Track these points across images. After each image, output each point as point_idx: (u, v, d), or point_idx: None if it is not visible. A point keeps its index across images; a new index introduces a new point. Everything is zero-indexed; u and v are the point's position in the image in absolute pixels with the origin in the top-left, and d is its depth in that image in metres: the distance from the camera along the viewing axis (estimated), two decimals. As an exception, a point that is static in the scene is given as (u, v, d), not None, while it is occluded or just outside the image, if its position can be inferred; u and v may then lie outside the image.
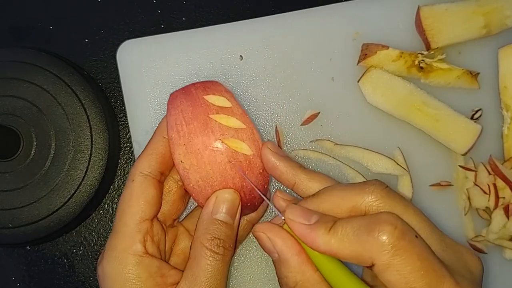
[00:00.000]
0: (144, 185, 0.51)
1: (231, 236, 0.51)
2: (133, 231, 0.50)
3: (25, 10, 0.68)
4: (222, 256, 0.49)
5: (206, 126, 0.51)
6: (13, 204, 0.61)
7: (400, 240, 0.41)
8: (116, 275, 0.49)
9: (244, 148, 0.52)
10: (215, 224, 0.50)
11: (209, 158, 0.51)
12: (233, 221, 0.51)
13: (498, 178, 0.62)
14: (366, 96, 0.64)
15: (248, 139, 0.53)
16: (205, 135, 0.51)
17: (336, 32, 0.66)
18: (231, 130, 0.52)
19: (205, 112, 0.52)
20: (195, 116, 0.52)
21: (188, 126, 0.52)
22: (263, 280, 0.64)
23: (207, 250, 0.49)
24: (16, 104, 0.61)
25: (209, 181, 0.51)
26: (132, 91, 0.65)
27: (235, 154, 0.52)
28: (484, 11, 0.63)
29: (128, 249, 0.49)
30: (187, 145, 0.51)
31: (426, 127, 0.63)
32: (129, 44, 0.65)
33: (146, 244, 0.50)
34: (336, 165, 0.64)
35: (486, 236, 0.62)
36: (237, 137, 0.52)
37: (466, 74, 0.63)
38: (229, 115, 0.53)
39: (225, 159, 0.51)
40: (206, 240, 0.49)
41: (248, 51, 0.66)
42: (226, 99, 0.54)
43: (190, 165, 0.51)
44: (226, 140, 0.51)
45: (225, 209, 0.51)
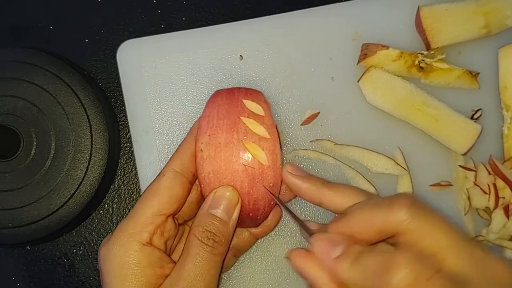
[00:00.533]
0: (173, 182, 0.52)
1: (223, 232, 0.51)
2: (147, 221, 0.51)
3: (25, 10, 0.68)
4: (212, 248, 0.50)
5: (233, 125, 0.53)
6: (13, 204, 0.61)
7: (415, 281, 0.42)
8: (117, 257, 0.49)
9: (262, 156, 0.53)
10: (209, 218, 0.51)
11: (226, 155, 0.52)
12: (228, 218, 0.52)
13: (498, 178, 0.62)
14: (366, 96, 0.64)
15: (268, 150, 0.53)
16: (230, 133, 0.53)
17: (336, 32, 0.66)
18: (255, 136, 0.53)
19: (238, 113, 0.54)
20: (228, 114, 0.54)
21: (218, 120, 0.53)
22: (263, 280, 0.64)
23: (197, 240, 0.50)
24: (16, 104, 0.62)
25: (219, 176, 0.52)
26: (132, 91, 0.65)
27: (251, 160, 0.52)
28: (484, 11, 0.63)
29: (135, 235, 0.50)
30: (211, 136, 0.53)
31: (426, 127, 0.63)
32: (129, 44, 0.66)
33: (154, 236, 0.51)
34: (336, 165, 0.64)
35: (486, 236, 0.62)
36: (258, 144, 0.53)
37: (466, 74, 0.64)
38: (258, 123, 0.54)
39: (240, 161, 0.52)
40: (198, 232, 0.50)
41: (248, 51, 0.66)
42: (261, 108, 0.55)
43: (208, 155, 0.52)
44: (247, 143, 0.52)
45: (222, 205, 0.52)
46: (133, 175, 0.68)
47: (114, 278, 0.49)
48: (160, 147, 0.65)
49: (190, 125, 0.64)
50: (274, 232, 0.64)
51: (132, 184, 0.68)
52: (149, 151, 0.65)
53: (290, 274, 0.64)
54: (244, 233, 0.59)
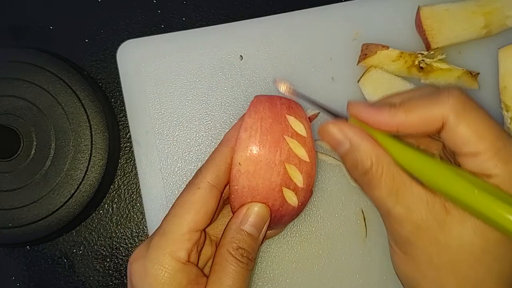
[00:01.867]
0: (208, 196, 0.51)
1: (254, 248, 0.51)
2: (184, 238, 0.49)
3: (25, 10, 0.69)
4: (246, 265, 0.50)
5: (276, 144, 0.52)
6: (13, 204, 0.61)
7: (469, 100, 0.44)
8: (156, 276, 0.48)
9: (299, 179, 0.53)
10: (241, 234, 0.51)
11: (265, 174, 0.51)
12: (258, 234, 0.52)
13: (498, 178, 0.62)
14: (366, 96, 0.65)
15: (305, 173, 0.53)
16: (272, 152, 0.52)
17: (336, 32, 0.67)
18: (296, 158, 0.53)
19: (282, 131, 0.53)
20: (272, 131, 0.52)
21: (262, 136, 0.52)
22: (263, 280, 0.65)
23: (232, 257, 0.50)
24: (16, 104, 0.62)
25: (254, 192, 0.52)
26: (132, 91, 0.66)
27: (289, 181, 0.52)
28: (484, 11, 0.64)
29: (173, 254, 0.49)
30: (252, 152, 0.52)
31: (426, 127, 0.64)
32: (129, 44, 0.66)
33: (191, 253, 0.50)
34: (336, 165, 0.65)
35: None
36: (298, 166, 0.53)
37: (466, 74, 0.64)
38: (300, 144, 0.53)
39: (278, 181, 0.52)
40: (232, 248, 0.50)
41: (248, 51, 0.66)
42: (304, 127, 0.54)
43: (246, 171, 0.51)
44: (288, 166, 0.52)
45: (253, 221, 0.51)
46: (133, 175, 0.68)
47: None
48: (160, 147, 0.65)
49: (190, 125, 0.65)
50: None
51: (132, 184, 0.68)
52: (149, 151, 0.65)
53: (290, 274, 0.64)
54: None
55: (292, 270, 0.65)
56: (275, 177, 0.51)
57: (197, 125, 0.66)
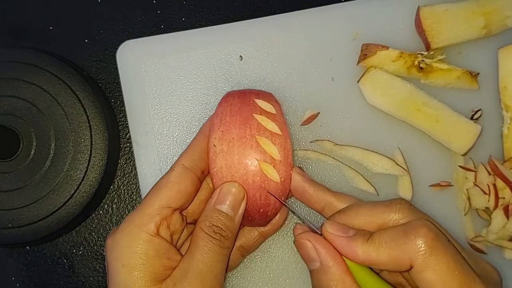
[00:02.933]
0: (182, 176, 0.54)
1: (230, 227, 0.53)
2: (154, 212, 0.52)
3: (25, 10, 0.70)
4: (219, 241, 0.52)
5: (246, 121, 0.55)
6: (13, 204, 0.62)
7: (436, 241, 0.45)
8: (125, 246, 0.51)
9: (274, 152, 0.55)
10: (215, 213, 0.53)
11: (239, 149, 0.54)
12: (234, 214, 0.54)
13: (498, 178, 0.63)
14: (366, 96, 0.65)
15: (279, 145, 0.55)
16: (243, 128, 0.55)
17: (336, 32, 0.67)
18: (267, 131, 0.55)
19: (250, 110, 0.56)
20: (240, 112, 0.56)
21: (231, 117, 0.56)
22: (264, 280, 0.65)
23: (205, 234, 0.52)
24: (16, 104, 0.63)
25: (232, 170, 0.54)
26: (132, 92, 0.66)
27: (264, 154, 0.55)
28: (484, 11, 0.64)
29: (142, 226, 0.51)
30: (224, 132, 0.55)
31: (426, 127, 0.64)
32: (129, 44, 0.67)
33: (160, 227, 0.52)
34: (335, 165, 0.66)
35: (486, 237, 0.64)
36: (270, 139, 0.55)
37: (466, 75, 0.65)
38: (270, 119, 0.56)
39: (253, 155, 0.54)
40: (204, 226, 0.52)
41: (248, 51, 0.67)
42: (273, 107, 0.57)
43: (221, 150, 0.55)
44: (260, 138, 0.55)
45: (228, 201, 0.54)
46: (133, 175, 0.69)
47: (122, 267, 0.50)
48: (160, 148, 0.66)
49: (190, 125, 0.66)
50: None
51: (132, 184, 0.69)
52: (149, 151, 0.66)
53: (290, 274, 0.65)
54: (253, 233, 0.61)
55: (292, 270, 0.65)
56: (248, 150, 0.54)
57: (196, 125, 0.66)
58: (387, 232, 0.47)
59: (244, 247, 0.61)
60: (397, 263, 0.46)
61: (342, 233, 0.49)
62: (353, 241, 0.48)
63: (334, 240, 0.49)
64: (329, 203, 0.55)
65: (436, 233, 0.45)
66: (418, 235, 0.45)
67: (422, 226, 0.45)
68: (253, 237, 0.61)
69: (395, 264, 0.46)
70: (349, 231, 0.49)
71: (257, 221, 0.58)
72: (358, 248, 0.47)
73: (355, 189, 0.66)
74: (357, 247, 0.47)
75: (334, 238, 0.49)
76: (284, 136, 0.56)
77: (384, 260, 0.46)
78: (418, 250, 0.45)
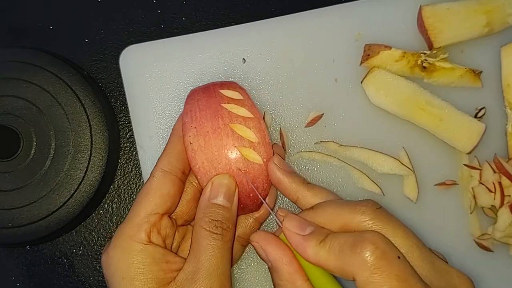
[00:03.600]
0: (162, 181, 0.55)
1: (229, 217, 0.54)
2: (142, 221, 0.53)
3: (25, 10, 0.70)
4: (221, 236, 0.52)
5: (216, 112, 0.56)
6: (13, 204, 0.62)
7: (380, 260, 0.45)
8: (120, 260, 0.52)
9: (250, 135, 0.56)
10: (212, 207, 0.54)
11: (216, 141, 0.55)
12: (230, 204, 0.55)
13: (503, 176, 0.63)
14: (370, 96, 0.66)
15: (254, 128, 0.56)
16: (215, 120, 0.56)
17: (338, 33, 0.68)
18: (239, 117, 0.56)
19: (218, 101, 0.57)
20: (209, 105, 0.57)
21: (200, 112, 0.56)
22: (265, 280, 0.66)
23: (206, 231, 0.52)
24: (16, 104, 0.63)
25: (214, 163, 0.55)
26: (136, 96, 0.67)
27: (241, 140, 0.55)
28: (486, 9, 0.65)
29: (133, 237, 0.52)
30: (197, 128, 0.56)
31: (430, 126, 0.65)
32: (132, 49, 0.67)
33: (151, 234, 0.53)
34: (341, 166, 0.66)
35: (492, 234, 0.64)
36: (244, 124, 0.56)
37: (469, 73, 0.65)
38: (239, 106, 0.57)
39: (231, 143, 0.55)
40: (204, 223, 0.53)
41: (251, 54, 0.67)
42: (239, 93, 0.58)
43: (198, 146, 0.55)
44: (233, 125, 0.55)
45: (222, 193, 0.54)
46: (133, 175, 0.69)
47: (122, 280, 0.51)
48: (164, 152, 0.66)
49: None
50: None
51: (132, 184, 0.69)
52: (154, 156, 0.65)
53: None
54: (248, 221, 0.61)
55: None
56: (225, 139, 0.55)
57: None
58: (337, 239, 0.47)
59: (242, 237, 0.61)
60: (341, 273, 0.47)
61: (298, 230, 0.50)
62: (307, 240, 0.49)
63: (290, 237, 0.50)
64: (302, 197, 0.55)
65: (382, 250, 0.45)
66: (363, 250, 0.45)
67: (370, 242, 0.45)
68: (249, 225, 0.61)
69: (340, 273, 0.47)
70: (306, 228, 0.50)
71: (249, 207, 0.58)
72: (309, 248, 0.48)
73: (360, 190, 0.66)
74: (309, 247, 0.48)
75: (290, 235, 0.50)
76: (257, 118, 0.57)
77: (330, 267, 0.47)
78: (361, 266, 0.45)
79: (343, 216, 0.49)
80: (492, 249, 0.65)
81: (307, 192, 0.55)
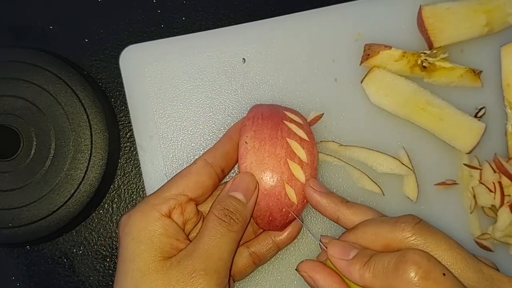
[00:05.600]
0: (202, 170, 0.58)
1: (241, 212, 0.56)
2: (170, 196, 0.56)
3: (25, 10, 0.71)
4: (228, 224, 0.54)
5: (277, 125, 0.60)
6: (13, 204, 0.63)
7: (425, 280, 0.45)
8: (136, 223, 0.54)
9: (302, 154, 0.59)
10: (228, 198, 0.56)
11: (270, 148, 0.58)
12: (246, 200, 0.56)
13: (503, 176, 0.64)
14: (370, 96, 0.67)
15: (307, 149, 0.60)
16: (274, 130, 0.59)
17: (338, 33, 0.69)
18: (297, 136, 0.60)
19: (281, 117, 0.61)
20: (272, 117, 0.60)
21: (263, 120, 0.60)
22: (271, 282, 0.67)
23: (215, 217, 0.54)
24: (16, 104, 0.64)
25: (262, 166, 0.58)
26: (136, 96, 0.68)
27: (293, 155, 0.58)
28: (486, 9, 0.66)
29: (156, 206, 0.55)
30: (256, 132, 0.59)
31: (430, 126, 0.66)
32: (132, 49, 0.68)
33: (173, 211, 0.55)
34: (341, 166, 0.67)
35: (492, 234, 0.65)
36: (299, 143, 0.59)
37: (469, 73, 0.66)
38: (299, 127, 0.60)
39: (283, 154, 0.58)
40: (215, 209, 0.55)
41: (251, 53, 0.69)
42: (300, 118, 0.62)
43: (252, 147, 0.58)
44: (290, 140, 0.59)
45: (240, 188, 0.56)
46: (133, 175, 0.71)
47: (131, 240, 0.53)
48: (164, 152, 0.67)
49: (194, 129, 0.68)
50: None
51: (132, 184, 0.71)
52: (154, 156, 0.67)
53: (297, 276, 0.66)
54: (267, 240, 0.63)
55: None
56: (279, 150, 0.58)
57: (201, 129, 0.68)
58: (381, 261, 0.48)
59: (257, 254, 0.63)
60: None
61: (342, 255, 0.51)
62: (351, 265, 0.50)
63: (335, 263, 0.52)
64: (343, 216, 0.57)
65: (426, 270, 0.46)
66: (406, 271, 0.46)
67: (412, 263, 0.46)
68: (266, 245, 0.63)
69: None
70: (349, 253, 0.51)
71: (277, 222, 0.60)
72: (355, 272, 0.50)
73: (361, 189, 0.67)
74: (355, 271, 0.50)
75: (336, 261, 0.52)
76: (312, 143, 0.61)
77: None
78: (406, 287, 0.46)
79: (384, 235, 0.51)
80: (492, 248, 0.66)
81: (346, 211, 0.57)
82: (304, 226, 0.61)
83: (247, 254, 0.62)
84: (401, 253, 0.48)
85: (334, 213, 0.57)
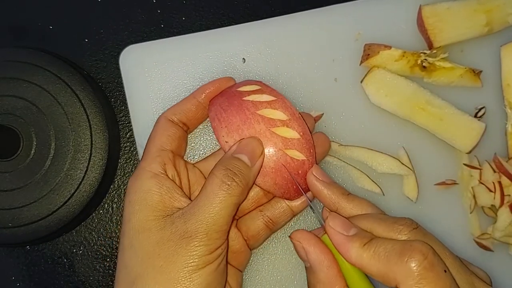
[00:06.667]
0: (166, 125, 0.60)
1: (245, 174, 0.55)
2: (154, 155, 0.58)
3: (25, 10, 0.71)
4: (228, 187, 0.53)
5: (241, 106, 0.58)
6: (13, 204, 0.64)
7: (428, 271, 0.46)
8: (134, 187, 0.55)
9: (279, 115, 0.58)
10: (232, 159, 0.55)
11: (249, 130, 0.57)
12: (252, 164, 0.56)
13: (503, 176, 0.65)
14: (370, 96, 0.67)
15: (280, 107, 0.59)
16: (241, 113, 0.58)
17: (338, 33, 0.69)
18: (263, 103, 0.59)
19: (239, 97, 0.59)
20: (231, 103, 0.59)
21: (226, 112, 0.59)
22: (271, 282, 0.67)
23: (217, 179, 0.53)
24: (16, 104, 0.65)
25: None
26: (136, 96, 0.68)
27: (272, 122, 0.58)
28: (485, 9, 0.66)
29: (147, 167, 0.56)
30: (228, 126, 0.58)
31: (430, 126, 0.66)
32: (132, 49, 0.68)
33: (166, 167, 0.57)
34: (341, 166, 0.68)
35: (492, 234, 0.65)
36: (270, 107, 0.58)
37: (469, 72, 0.67)
38: (259, 94, 0.59)
39: (263, 127, 0.57)
40: (218, 170, 0.54)
41: (251, 53, 0.69)
42: (255, 85, 0.61)
43: (234, 140, 0.58)
44: (261, 111, 0.58)
45: (246, 151, 0.56)
46: (133, 175, 0.71)
47: (128, 203, 0.55)
48: (164, 151, 0.68)
49: (194, 129, 0.68)
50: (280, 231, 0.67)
51: (132, 184, 0.71)
52: (154, 156, 0.68)
53: (297, 276, 0.67)
54: (281, 203, 0.62)
55: (299, 272, 0.67)
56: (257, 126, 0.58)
57: (201, 128, 0.68)
58: (384, 244, 0.48)
59: (271, 218, 0.62)
60: (384, 279, 0.47)
61: (342, 229, 0.51)
62: (350, 241, 0.50)
63: (333, 236, 0.51)
64: (342, 208, 0.57)
65: (431, 262, 0.46)
66: (411, 258, 0.46)
67: (419, 252, 0.46)
68: (281, 209, 0.62)
69: (382, 278, 0.48)
70: (350, 229, 0.51)
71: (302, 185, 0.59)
72: (352, 250, 0.49)
73: (360, 189, 0.67)
74: (352, 248, 0.49)
75: (334, 234, 0.51)
76: (280, 98, 0.60)
77: (373, 271, 0.48)
78: (407, 274, 0.46)
79: (379, 233, 0.51)
80: (492, 248, 0.66)
81: (346, 204, 0.57)
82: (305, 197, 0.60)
83: (261, 218, 0.62)
84: (407, 241, 0.48)
85: (333, 205, 0.57)
